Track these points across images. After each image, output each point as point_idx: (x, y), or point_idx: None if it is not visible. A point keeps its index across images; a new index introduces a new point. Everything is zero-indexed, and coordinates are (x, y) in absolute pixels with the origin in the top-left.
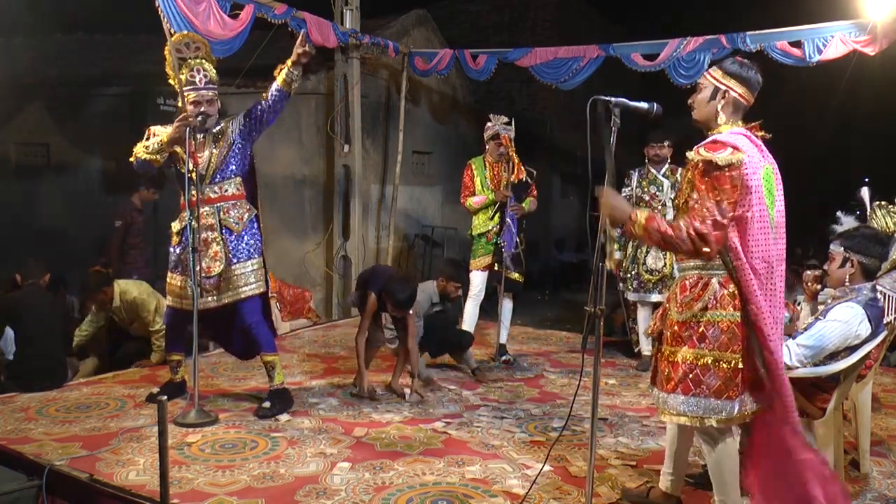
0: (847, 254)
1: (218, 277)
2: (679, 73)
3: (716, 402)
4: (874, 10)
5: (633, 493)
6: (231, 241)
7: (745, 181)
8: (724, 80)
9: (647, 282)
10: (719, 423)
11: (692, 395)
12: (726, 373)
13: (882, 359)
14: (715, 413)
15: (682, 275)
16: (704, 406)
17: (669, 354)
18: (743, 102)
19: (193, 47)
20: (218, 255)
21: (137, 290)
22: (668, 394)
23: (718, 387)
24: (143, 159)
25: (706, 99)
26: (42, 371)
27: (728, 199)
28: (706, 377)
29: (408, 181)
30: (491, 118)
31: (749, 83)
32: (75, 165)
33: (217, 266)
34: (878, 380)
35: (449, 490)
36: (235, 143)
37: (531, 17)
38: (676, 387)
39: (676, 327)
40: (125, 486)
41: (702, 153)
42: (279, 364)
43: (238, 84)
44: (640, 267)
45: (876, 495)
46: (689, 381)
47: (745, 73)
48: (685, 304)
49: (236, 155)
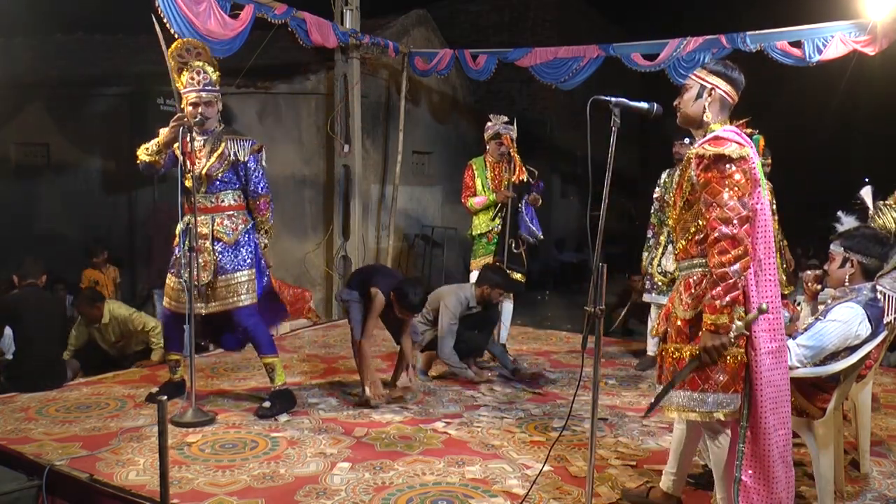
0: (847, 254)
1: (206, 286)
2: (679, 73)
3: (723, 396)
4: (874, 10)
5: (633, 493)
6: (220, 253)
7: (753, 174)
8: (710, 79)
9: (661, 283)
10: (726, 416)
11: (700, 391)
12: (732, 367)
13: (882, 359)
14: (723, 407)
15: (687, 273)
16: (713, 401)
17: (675, 352)
18: (729, 100)
19: (195, 52)
20: (207, 264)
21: (126, 310)
22: (676, 390)
23: (726, 382)
24: (145, 161)
25: (692, 98)
26: (41, 371)
27: (746, 191)
28: (714, 373)
29: (408, 181)
30: (491, 118)
31: (734, 81)
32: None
33: (205, 276)
34: (878, 380)
35: (449, 490)
36: (237, 165)
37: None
38: (684, 383)
39: (682, 325)
40: (125, 486)
41: (711, 148)
42: (279, 365)
43: (238, 84)
44: (655, 268)
45: (876, 495)
46: (697, 378)
47: (730, 73)
48: (690, 302)
49: (233, 174)
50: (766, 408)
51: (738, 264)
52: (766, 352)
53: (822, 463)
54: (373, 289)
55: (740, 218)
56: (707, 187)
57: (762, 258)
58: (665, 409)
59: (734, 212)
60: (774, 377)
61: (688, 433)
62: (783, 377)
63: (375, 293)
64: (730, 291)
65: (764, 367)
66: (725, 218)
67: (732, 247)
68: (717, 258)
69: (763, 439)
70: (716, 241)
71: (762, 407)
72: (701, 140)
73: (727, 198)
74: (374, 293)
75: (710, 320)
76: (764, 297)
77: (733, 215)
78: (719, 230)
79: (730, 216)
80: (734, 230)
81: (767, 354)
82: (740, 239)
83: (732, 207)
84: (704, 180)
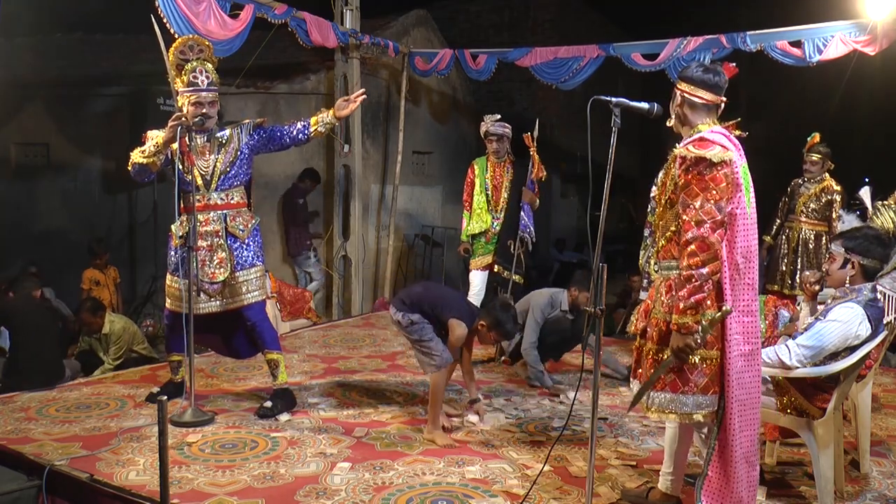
0: (848, 255)
1: (222, 284)
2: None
3: (702, 398)
4: (874, 10)
5: (632, 493)
6: (236, 249)
7: (735, 178)
8: (688, 88)
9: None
10: (705, 418)
11: (680, 393)
12: (712, 369)
13: (882, 359)
14: (702, 408)
15: (666, 274)
16: (692, 402)
17: (656, 353)
18: (712, 105)
19: (197, 49)
20: (223, 261)
21: (122, 323)
22: (656, 392)
23: (705, 384)
24: (141, 163)
25: (676, 105)
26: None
27: (724, 196)
28: (694, 375)
29: (408, 181)
30: (485, 118)
31: (713, 87)
32: (75, 165)
33: (221, 273)
34: (878, 380)
35: (449, 490)
36: (242, 152)
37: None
38: (665, 385)
39: (663, 327)
40: (125, 486)
41: (693, 150)
42: (283, 362)
43: (238, 84)
44: (652, 267)
45: (876, 495)
46: (677, 380)
47: (709, 79)
48: (670, 304)
49: (242, 164)
50: (734, 409)
51: (707, 268)
52: (738, 354)
53: (822, 463)
54: (452, 321)
55: (714, 222)
56: (686, 189)
57: (740, 262)
58: (646, 410)
59: (709, 215)
60: (745, 379)
61: (680, 432)
62: (754, 380)
63: (456, 325)
64: (694, 294)
65: (735, 369)
66: (699, 220)
67: (701, 250)
68: (686, 260)
69: (729, 439)
70: (687, 243)
71: (730, 408)
72: (686, 140)
73: (703, 201)
74: (455, 325)
75: (674, 320)
76: (739, 301)
77: (707, 219)
78: (692, 232)
79: (703, 219)
80: (706, 233)
81: (740, 357)
82: (711, 243)
83: (707, 211)
84: (684, 181)
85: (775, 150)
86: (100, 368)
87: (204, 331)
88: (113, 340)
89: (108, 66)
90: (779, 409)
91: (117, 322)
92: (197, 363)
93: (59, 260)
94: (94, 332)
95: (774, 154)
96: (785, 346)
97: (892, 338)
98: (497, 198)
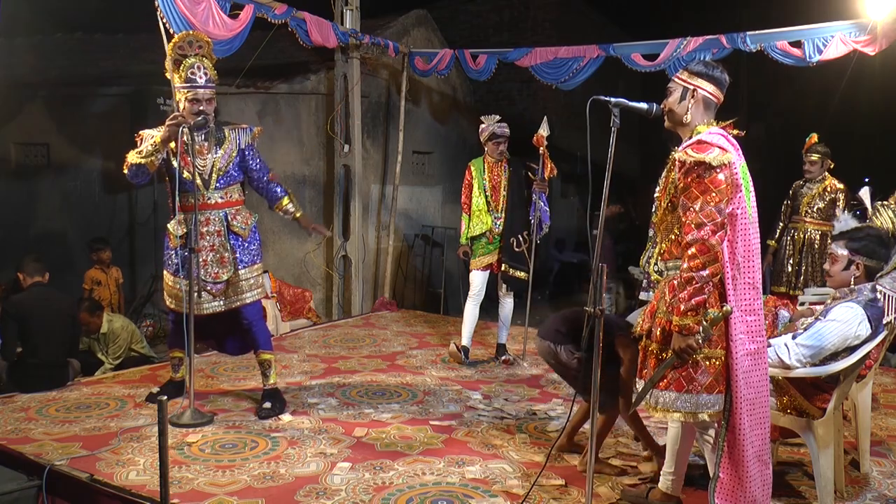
0: (853, 256)
1: (225, 283)
2: None
3: (707, 397)
4: (874, 10)
5: (632, 493)
6: (238, 247)
7: (735, 179)
8: (692, 80)
9: (657, 282)
10: (710, 417)
11: (685, 392)
12: (716, 368)
13: (882, 359)
14: (707, 408)
15: (670, 274)
16: (696, 402)
17: (660, 352)
18: (713, 100)
19: (196, 45)
20: (226, 260)
21: (120, 322)
22: (661, 391)
23: (710, 383)
24: (138, 164)
25: (677, 100)
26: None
27: (724, 197)
28: (698, 374)
29: (408, 181)
30: (483, 119)
31: (717, 81)
32: (75, 165)
33: (225, 272)
34: (878, 380)
35: (449, 490)
36: (239, 153)
37: (531, 17)
38: (669, 384)
39: (667, 326)
40: (125, 486)
41: (692, 154)
42: (275, 363)
43: (238, 84)
44: (651, 267)
45: (876, 495)
46: (682, 379)
47: (712, 73)
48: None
49: (240, 163)
50: (743, 408)
51: (707, 270)
52: (744, 353)
53: (822, 463)
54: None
55: (714, 224)
56: (686, 192)
57: (741, 262)
58: (651, 410)
59: (709, 218)
60: (752, 378)
61: (682, 432)
62: (761, 379)
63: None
64: (695, 296)
65: (742, 368)
66: (699, 223)
67: (702, 252)
68: (687, 262)
69: (739, 438)
70: (688, 246)
71: (739, 407)
72: (685, 143)
73: (703, 203)
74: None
75: (675, 322)
76: (741, 300)
77: (707, 221)
78: (692, 234)
79: (703, 222)
80: (706, 236)
81: (746, 356)
82: (711, 245)
83: (708, 213)
84: (684, 184)
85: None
86: (101, 369)
87: (205, 329)
88: (112, 340)
89: (108, 66)
90: (779, 409)
91: (115, 321)
92: (197, 363)
93: (59, 260)
94: (93, 332)
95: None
96: (785, 345)
97: (892, 338)
98: (496, 198)
